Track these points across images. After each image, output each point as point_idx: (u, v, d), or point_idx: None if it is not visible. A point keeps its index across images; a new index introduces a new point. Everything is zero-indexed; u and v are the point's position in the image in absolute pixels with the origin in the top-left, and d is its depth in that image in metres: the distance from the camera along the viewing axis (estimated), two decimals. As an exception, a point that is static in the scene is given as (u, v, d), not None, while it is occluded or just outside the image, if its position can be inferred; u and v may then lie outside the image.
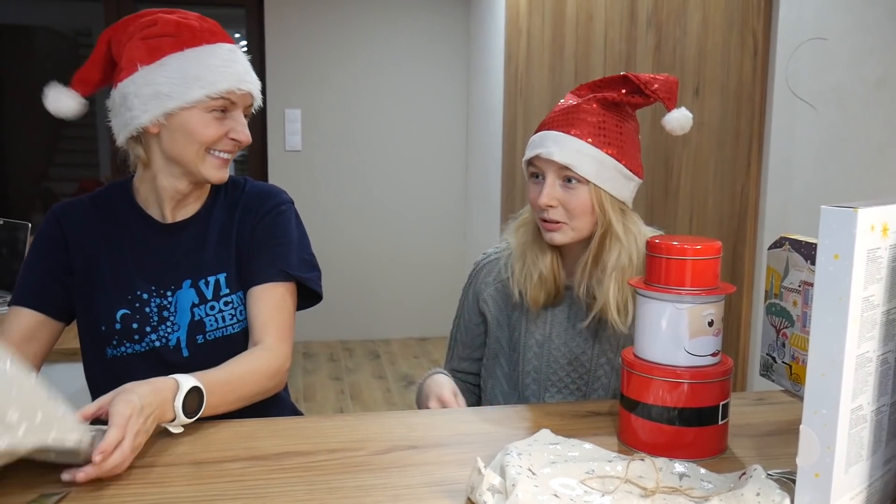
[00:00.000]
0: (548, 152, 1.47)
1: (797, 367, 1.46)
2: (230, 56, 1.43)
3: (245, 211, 1.54)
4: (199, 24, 1.44)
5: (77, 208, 1.52)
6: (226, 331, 1.49)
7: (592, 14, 3.02)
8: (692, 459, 1.16)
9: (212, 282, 1.49)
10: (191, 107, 1.39)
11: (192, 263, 1.50)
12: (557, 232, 1.51)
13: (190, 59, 1.39)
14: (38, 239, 1.51)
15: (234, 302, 1.50)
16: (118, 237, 1.50)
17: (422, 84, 5.29)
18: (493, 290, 1.67)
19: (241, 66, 1.44)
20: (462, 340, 1.76)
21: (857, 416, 0.93)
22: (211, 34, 1.43)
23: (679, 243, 1.20)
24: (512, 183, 4.18)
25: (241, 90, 1.42)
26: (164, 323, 1.47)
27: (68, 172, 6.65)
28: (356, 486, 1.09)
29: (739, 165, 2.02)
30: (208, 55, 1.40)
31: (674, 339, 1.20)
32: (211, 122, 1.41)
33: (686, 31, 2.28)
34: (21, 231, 2.59)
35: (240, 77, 1.42)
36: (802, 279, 1.42)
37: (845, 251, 0.88)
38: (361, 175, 5.26)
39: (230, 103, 1.42)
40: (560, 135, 1.48)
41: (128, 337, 1.46)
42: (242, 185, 1.58)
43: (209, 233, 1.52)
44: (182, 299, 1.48)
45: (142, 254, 1.49)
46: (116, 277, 1.47)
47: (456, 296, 1.82)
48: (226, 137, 1.43)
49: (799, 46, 1.80)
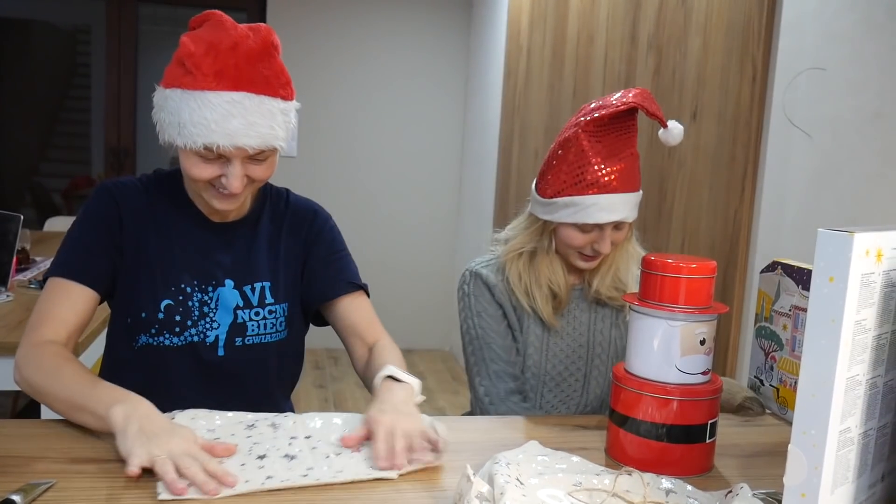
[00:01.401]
0: (626, 216, 1.57)
1: (784, 391, 1.47)
2: (227, 109, 1.29)
3: (293, 227, 1.56)
4: (214, 60, 1.30)
5: (130, 188, 1.47)
6: (264, 338, 1.49)
7: (594, 35, 3.04)
8: (679, 476, 1.17)
9: (258, 288, 1.48)
10: (183, 147, 1.33)
11: (237, 265, 1.48)
12: (594, 262, 1.62)
13: (184, 101, 1.30)
14: (90, 212, 1.44)
15: (278, 312, 1.50)
16: (167, 225, 1.46)
17: (419, 95, 5.31)
18: (500, 290, 1.66)
19: (236, 122, 1.29)
20: (502, 356, 1.65)
21: (845, 437, 0.94)
22: (217, 77, 1.30)
23: (674, 261, 1.21)
24: (505, 198, 4.20)
25: (225, 147, 1.30)
26: (203, 318, 1.45)
27: (60, 168, 6.63)
28: (345, 490, 1.10)
29: (733, 190, 2.04)
30: (200, 105, 1.29)
31: (665, 356, 1.21)
32: (199, 164, 1.34)
33: (686, 55, 2.30)
34: (13, 223, 2.57)
35: (228, 133, 1.29)
36: (793, 303, 1.44)
37: (840, 274, 0.89)
38: (354, 184, 5.27)
39: (214, 152, 1.32)
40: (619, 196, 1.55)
41: (168, 328, 1.43)
42: (286, 198, 1.59)
43: (257, 239, 1.51)
44: (224, 298, 1.46)
45: (188, 246, 1.47)
46: (163, 266, 1.44)
47: (443, 309, 1.82)
48: (218, 179, 1.36)
49: (797, 75, 1.83)
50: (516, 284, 1.65)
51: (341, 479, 1.12)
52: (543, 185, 1.61)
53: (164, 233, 1.46)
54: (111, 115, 5.33)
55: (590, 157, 1.53)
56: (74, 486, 1.06)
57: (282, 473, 1.12)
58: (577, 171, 1.54)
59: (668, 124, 1.56)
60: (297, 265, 1.55)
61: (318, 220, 1.59)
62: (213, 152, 1.31)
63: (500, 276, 1.67)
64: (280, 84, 1.36)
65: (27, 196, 6.53)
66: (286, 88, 1.37)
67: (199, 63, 1.29)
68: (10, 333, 2.10)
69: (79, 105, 6.36)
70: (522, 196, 3.90)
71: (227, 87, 1.30)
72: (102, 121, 5.47)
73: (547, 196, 1.59)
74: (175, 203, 1.48)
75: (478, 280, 1.68)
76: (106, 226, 1.43)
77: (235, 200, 1.40)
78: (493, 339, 1.64)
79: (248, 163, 1.35)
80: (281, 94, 1.35)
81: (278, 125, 1.35)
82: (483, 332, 1.65)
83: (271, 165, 1.40)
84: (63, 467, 1.11)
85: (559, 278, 1.64)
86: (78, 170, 6.37)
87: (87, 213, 1.45)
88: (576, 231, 1.58)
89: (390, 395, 1.31)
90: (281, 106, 1.35)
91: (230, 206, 1.41)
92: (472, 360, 1.68)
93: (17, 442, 1.19)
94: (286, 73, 1.38)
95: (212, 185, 1.37)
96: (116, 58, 5.30)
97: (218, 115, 1.29)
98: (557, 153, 1.58)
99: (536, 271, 1.64)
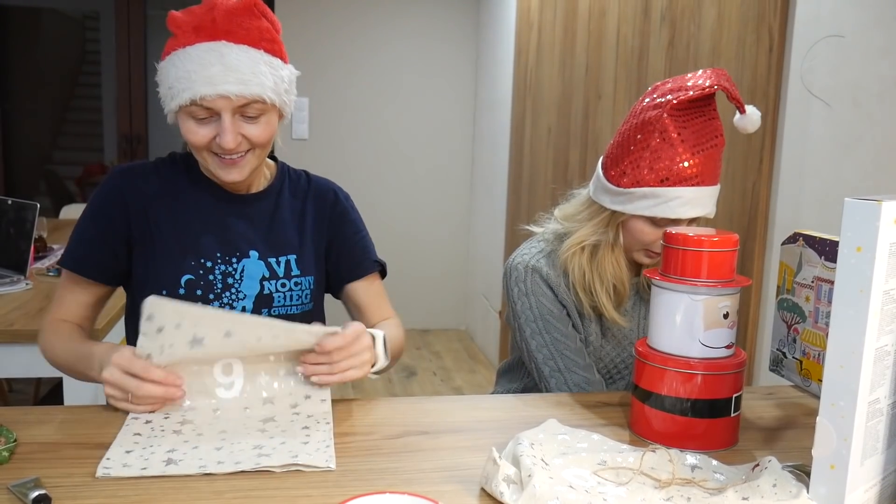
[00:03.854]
0: (706, 212, 1.48)
1: (808, 363, 1.46)
2: (203, 57, 1.31)
3: (317, 202, 1.58)
4: (192, 18, 1.34)
5: (140, 171, 1.48)
6: (290, 310, 1.49)
7: (605, 9, 3.01)
8: (704, 451, 1.16)
9: (283, 261, 1.49)
10: (178, 112, 1.35)
11: (262, 237, 1.49)
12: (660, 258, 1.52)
13: (171, 63, 1.34)
14: (98, 202, 1.47)
15: (303, 284, 1.51)
16: (184, 202, 1.47)
17: (430, 75, 5.28)
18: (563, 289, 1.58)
19: (214, 69, 1.30)
20: (573, 348, 1.57)
21: (874, 409, 0.93)
22: (195, 32, 1.33)
23: (696, 235, 1.20)
24: (518, 176, 4.18)
25: (207, 96, 1.30)
26: (227, 290, 1.45)
27: (73, 156, 6.64)
28: (369, 470, 1.10)
29: (751, 162, 2.02)
30: (182, 59, 1.33)
31: (689, 330, 1.20)
32: (194, 127, 1.35)
33: (700, 26, 2.27)
34: (30, 211, 2.58)
35: (209, 81, 1.30)
36: (816, 275, 1.42)
37: (868, 244, 0.88)
38: (366, 165, 5.26)
39: (208, 109, 1.32)
40: (702, 189, 1.46)
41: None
42: (305, 177, 1.60)
43: (279, 211, 1.53)
44: (250, 268, 1.47)
45: (207, 219, 1.47)
46: (182, 241, 1.44)
47: (458, 288, 1.80)
48: (214, 142, 1.36)
49: (815, 44, 1.80)
50: (579, 281, 1.56)
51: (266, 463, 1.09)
52: (618, 173, 1.48)
53: (181, 209, 1.47)
54: (122, 101, 5.33)
55: (677, 144, 1.41)
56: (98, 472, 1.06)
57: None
58: (661, 160, 1.42)
59: (745, 109, 1.46)
60: (321, 241, 1.57)
61: (340, 199, 1.62)
62: (201, 107, 1.32)
63: (558, 270, 1.58)
64: (263, 38, 1.37)
65: (42, 184, 6.55)
66: (272, 45, 1.38)
67: (180, 23, 1.35)
68: (31, 321, 2.12)
69: (90, 92, 6.37)
70: (536, 174, 3.88)
71: (205, 38, 1.33)
72: (114, 107, 5.48)
73: (623, 185, 1.47)
74: (192, 180, 1.50)
75: (536, 277, 1.57)
76: (109, 218, 1.45)
77: (238, 168, 1.39)
78: (567, 345, 1.57)
79: (240, 120, 1.35)
80: (265, 47, 1.37)
81: (263, 75, 1.34)
82: (553, 339, 1.57)
83: (268, 126, 1.38)
84: (89, 452, 1.12)
85: (623, 274, 1.56)
86: (91, 157, 6.39)
87: (93, 205, 1.48)
88: (649, 225, 1.49)
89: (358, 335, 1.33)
90: (265, 58, 1.36)
91: (235, 177, 1.40)
92: (547, 371, 1.57)
93: (41, 428, 1.20)
94: (272, 34, 1.39)
95: (214, 154, 1.38)
96: (126, 44, 5.30)
97: (197, 64, 1.31)
98: (636, 138, 1.45)
99: (600, 267, 1.55)
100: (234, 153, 1.37)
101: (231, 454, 1.11)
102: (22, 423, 1.20)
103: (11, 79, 5.82)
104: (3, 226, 2.64)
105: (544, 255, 1.60)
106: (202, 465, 1.07)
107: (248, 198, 1.51)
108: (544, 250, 1.61)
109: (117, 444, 1.13)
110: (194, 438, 1.16)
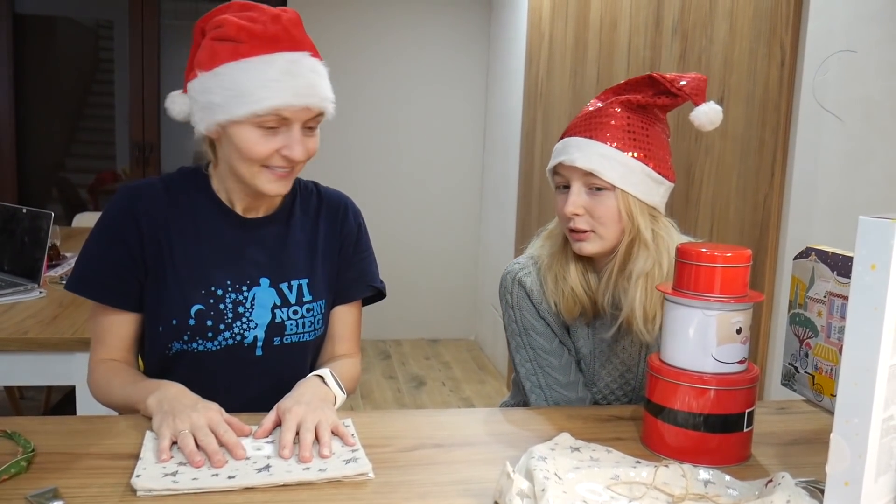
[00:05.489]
0: (570, 159, 1.44)
1: (820, 378, 1.46)
2: (288, 68, 1.31)
3: (329, 220, 1.55)
4: (265, 28, 1.32)
5: (149, 192, 1.44)
6: (302, 337, 1.48)
7: (617, 20, 3.02)
8: (717, 466, 1.16)
9: (295, 286, 1.47)
10: (240, 122, 1.31)
11: (273, 263, 1.47)
12: (586, 241, 1.47)
13: (243, 70, 1.30)
14: (109, 224, 1.43)
15: (315, 310, 1.49)
16: (194, 227, 1.44)
17: (440, 85, 5.30)
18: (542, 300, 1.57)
19: (300, 80, 1.32)
20: (556, 365, 1.56)
21: (888, 426, 0.94)
22: (273, 42, 1.32)
23: (709, 250, 1.21)
24: (529, 186, 4.19)
25: (293, 107, 1.31)
26: (238, 319, 1.42)
27: (85, 163, 6.67)
28: (384, 482, 1.10)
29: (763, 175, 2.02)
30: (262, 67, 1.30)
31: (702, 345, 1.20)
32: (260, 139, 1.32)
33: (713, 39, 2.28)
34: (44, 220, 2.59)
35: (295, 92, 1.31)
36: (828, 290, 1.43)
37: (882, 262, 0.89)
38: (376, 175, 5.27)
39: (281, 118, 1.32)
40: (583, 140, 1.45)
41: (201, 334, 1.40)
42: (315, 191, 1.57)
43: (291, 234, 1.50)
44: (261, 297, 1.44)
45: (219, 247, 1.44)
46: (192, 270, 1.41)
47: (468, 298, 1.78)
48: (277, 154, 1.34)
49: (827, 58, 1.80)
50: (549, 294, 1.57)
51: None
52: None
53: (191, 234, 1.43)
54: (135, 109, 5.37)
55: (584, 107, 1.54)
56: (115, 481, 1.07)
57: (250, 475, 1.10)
58: None
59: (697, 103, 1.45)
60: (333, 261, 1.54)
61: (350, 214, 1.58)
62: (278, 116, 1.31)
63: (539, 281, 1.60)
64: (317, 52, 1.40)
65: (54, 192, 6.59)
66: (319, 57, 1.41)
67: (252, 31, 1.32)
68: (45, 329, 2.13)
69: (102, 100, 6.40)
70: (546, 185, 3.88)
71: (286, 48, 1.33)
72: (127, 116, 5.51)
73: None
74: (202, 201, 1.45)
75: (521, 291, 1.58)
76: (125, 243, 1.41)
77: (287, 181, 1.39)
78: (549, 361, 1.56)
79: (303, 133, 1.36)
80: (321, 59, 1.40)
81: (329, 89, 1.39)
82: (536, 355, 1.57)
83: (317, 139, 1.40)
84: (107, 463, 1.13)
85: (573, 276, 1.56)
86: (103, 165, 6.42)
87: (106, 229, 1.43)
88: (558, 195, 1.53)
89: (305, 389, 1.32)
90: (327, 70, 1.40)
91: (284, 189, 1.39)
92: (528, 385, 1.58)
93: (58, 438, 1.21)
94: None
95: (265, 166, 1.36)
96: (139, 53, 5.34)
97: (281, 74, 1.31)
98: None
99: (562, 270, 1.56)
100: (293, 164, 1.37)
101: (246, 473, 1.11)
102: (39, 432, 1.21)
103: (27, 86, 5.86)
104: (18, 234, 2.66)
105: (533, 267, 1.59)
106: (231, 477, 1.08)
107: (261, 221, 1.48)
108: (536, 262, 1.59)
109: (147, 457, 1.13)
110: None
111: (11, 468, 1.06)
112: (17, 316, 2.25)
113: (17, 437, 1.18)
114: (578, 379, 1.57)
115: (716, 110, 1.43)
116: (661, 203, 1.48)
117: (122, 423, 1.27)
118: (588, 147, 1.44)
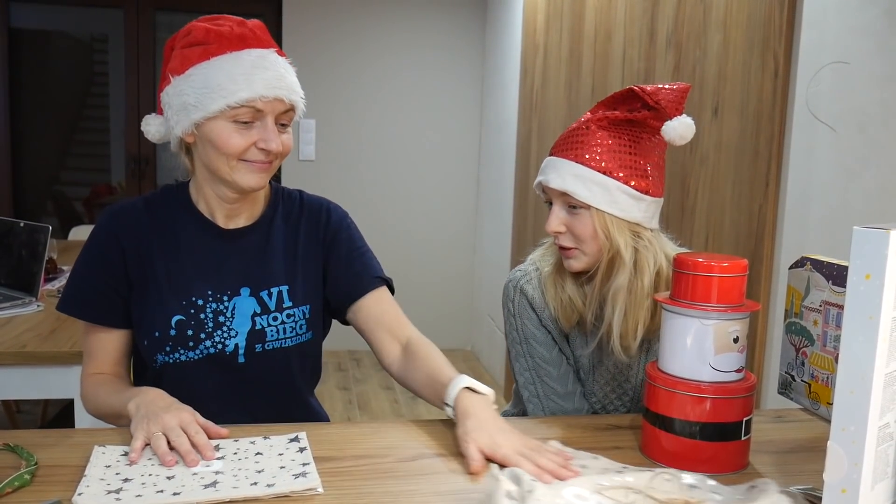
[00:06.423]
0: (546, 179, 1.49)
1: (816, 386, 1.47)
2: (257, 62, 1.37)
3: (310, 226, 1.56)
4: (232, 29, 1.39)
5: (131, 213, 1.49)
6: (284, 342, 1.49)
7: (611, 32, 3.04)
8: (715, 474, 1.17)
9: (275, 293, 1.49)
10: (214, 117, 1.36)
11: (253, 272, 1.49)
12: (573, 258, 1.50)
13: (215, 68, 1.36)
14: (93, 245, 1.48)
15: (297, 315, 1.50)
16: (175, 241, 1.47)
17: (436, 97, 5.32)
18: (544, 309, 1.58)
19: (269, 73, 1.37)
20: (554, 375, 1.57)
21: (884, 433, 0.95)
22: (240, 40, 1.39)
23: (706, 260, 1.22)
24: (524, 197, 4.20)
25: (265, 98, 1.36)
26: (219, 328, 1.45)
27: (80, 176, 6.68)
28: (385, 492, 1.11)
29: (757, 185, 2.04)
30: (232, 62, 1.36)
31: (699, 354, 1.21)
32: (235, 132, 1.37)
33: (706, 51, 2.30)
34: (42, 234, 2.60)
35: (266, 84, 1.36)
36: (824, 299, 1.44)
37: (876, 271, 0.90)
38: (373, 186, 5.29)
39: (255, 111, 1.36)
40: (559, 160, 1.49)
41: (182, 344, 1.43)
42: (298, 199, 1.59)
43: (271, 243, 1.52)
44: (241, 306, 1.47)
45: (199, 258, 1.47)
46: (172, 282, 1.45)
47: (464, 309, 1.78)
48: (254, 147, 1.38)
49: (820, 69, 1.82)
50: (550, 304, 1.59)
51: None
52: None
53: (172, 248, 1.47)
54: (130, 123, 5.38)
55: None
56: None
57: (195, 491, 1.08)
58: None
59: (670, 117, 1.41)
60: (317, 266, 1.55)
61: (333, 219, 1.58)
62: (252, 109, 1.36)
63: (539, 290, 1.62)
64: (283, 52, 1.46)
65: (49, 205, 6.59)
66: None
67: (220, 33, 1.38)
68: (43, 342, 2.14)
69: (98, 114, 6.41)
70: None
71: (254, 45, 1.40)
72: (122, 129, 5.52)
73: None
74: (183, 216, 1.49)
75: (523, 300, 1.60)
76: (109, 263, 1.46)
77: (265, 174, 1.43)
78: (548, 371, 1.58)
79: (277, 128, 1.41)
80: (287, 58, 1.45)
81: (297, 84, 1.44)
82: (535, 364, 1.59)
83: (291, 136, 1.45)
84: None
85: (568, 289, 1.59)
86: (98, 178, 6.42)
87: (91, 251, 1.48)
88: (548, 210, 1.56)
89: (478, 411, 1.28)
90: (295, 68, 1.45)
91: (261, 182, 1.43)
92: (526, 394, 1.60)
93: (60, 451, 1.21)
94: None
95: (243, 160, 1.40)
96: (134, 66, 5.36)
97: (252, 67, 1.36)
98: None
99: (560, 281, 1.59)
100: (271, 158, 1.41)
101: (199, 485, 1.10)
102: (41, 445, 1.22)
103: (22, 100, 5.87)
104: (16, 248, 2.66)
105: (535, 274, 1.60)
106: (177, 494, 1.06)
107: (241, 231, 1.51)
108: (539, 268, 1.61)
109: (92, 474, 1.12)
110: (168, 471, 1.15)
111: (15, 481, 1.07)
112: (14, 329, 2.25)
113: (20, 450, 1.18)
114: (576, 389, 1.58)
115: (685, 125, 1.39)
116: (645, 218, 1.47)
117: (122, 435, 1.27)
118: (563, 167, 1.47)
